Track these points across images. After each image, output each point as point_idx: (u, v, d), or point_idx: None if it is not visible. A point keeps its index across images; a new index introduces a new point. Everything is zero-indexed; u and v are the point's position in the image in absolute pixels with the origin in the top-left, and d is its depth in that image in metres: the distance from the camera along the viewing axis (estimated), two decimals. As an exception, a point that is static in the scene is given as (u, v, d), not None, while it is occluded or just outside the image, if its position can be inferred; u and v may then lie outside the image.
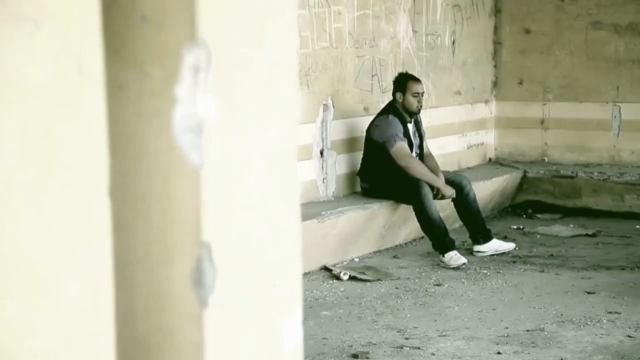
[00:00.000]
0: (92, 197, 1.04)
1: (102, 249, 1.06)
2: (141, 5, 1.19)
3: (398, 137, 6.59)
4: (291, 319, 1.35)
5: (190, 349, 1.21)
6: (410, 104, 6.70)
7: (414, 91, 6.71)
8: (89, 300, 1.04)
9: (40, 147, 0.98)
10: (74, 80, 1.02)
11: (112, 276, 1.08)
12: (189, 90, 1.18)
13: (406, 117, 6.76)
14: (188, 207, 1.20)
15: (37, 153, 0.98)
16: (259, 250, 1.29)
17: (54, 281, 1.00)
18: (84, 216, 1.03)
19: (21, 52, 0.96)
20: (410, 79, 6.83)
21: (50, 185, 0.99)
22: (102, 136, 1.06)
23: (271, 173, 1.30)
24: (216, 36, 1.20)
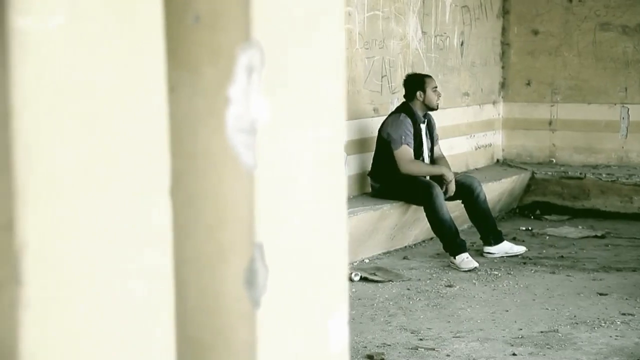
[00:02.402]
0: (154, 197, 1.04)
1: (164, 249, 1.06)
2: (195, 6, 1.19)
3: (405, 139, 6.60)
4: (337, 319, 1.35)
5: (243, 349, 1.21)
6: (432, 100, 6.75)
7: (433, 86, 6.78)
8: (152, 300, 1.04)
9: (104, 148, 0.98)
10: (137, 80, 1.01)
11: (173, 277, 1.08)
12: (243, 90, 1.18)
13: (420, 117, 6.76)
14: (241, 208, 1.20)
15: (102, 153, 0.97)
16: (307, 250, 1.29)
17: (118, 281, 1.00)
18: (147, 216, 1.03)
19: (86, 53, 0.96)
20: (425, 77, 6.88)
21: (115, 185, 0.99)
22: (164, 137, 1.06)
23: (320, 173, 1.30)
24: (269, 36, 1.20)
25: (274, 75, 1.21)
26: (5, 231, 0.89)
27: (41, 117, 0.90)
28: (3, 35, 0.87)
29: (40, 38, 0.89)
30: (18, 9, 0.88)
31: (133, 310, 1.03)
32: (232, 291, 1.21)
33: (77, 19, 0.93)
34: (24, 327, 0.90)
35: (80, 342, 0.96)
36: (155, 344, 1.06)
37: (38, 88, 0.90)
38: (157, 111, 1.05)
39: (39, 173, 0.91)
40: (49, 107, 0.91)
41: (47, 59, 0.91)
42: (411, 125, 6.68)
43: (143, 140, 1.03)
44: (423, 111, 6.80)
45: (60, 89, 0.92)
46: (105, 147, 0.98)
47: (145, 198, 1.03)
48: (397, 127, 6.64)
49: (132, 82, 1.01)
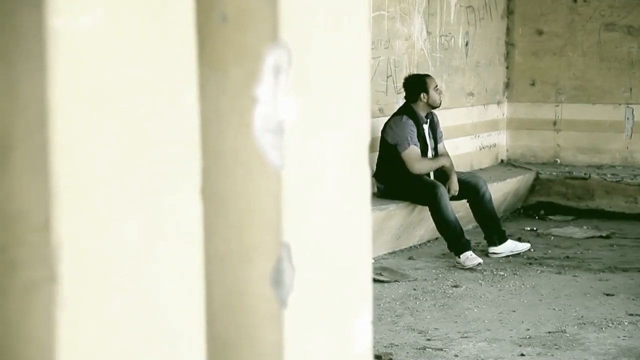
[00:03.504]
0: (186, 196, 1.04)
1: (195, 248, 1.06)
2: (222, 6, 1.19)
3: (411, 140, 6.60)
4: (362, 319, 1.35)
5: (270, 348, 1.21)
6: (435, 99, 6.76)
7: (434, 85, 6.79)
8: (183, 298, 1.04)
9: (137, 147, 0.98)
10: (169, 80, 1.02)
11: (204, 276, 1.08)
12: (270, 90, 1.18)
13: (422, 118, 6.77)
14: (269, 208, 1.20)
15: (135, 153, 0.98)
16: (332, 249, 1.29)
17: (151, 278, 1.00)
18: (179, 215, 1.03)
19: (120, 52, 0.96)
20: (426, 77, 6.89)
21: (148, 184, 0.99)
22: (195, 136, 1.06)
23: (345, 173, 1.31)
24: (296, 36, 1.20)
25: (300, 75, 1.21)
26: (42, 231, 0.89)
27: (77, 117, 0.91)
28: (40, 36, 0.87)
29: (76, 38, 0.90)
30: (55, 9, 0.88)
31: (164, 310, 1.03)
32: (259, 291, 1.21)
33: (112, 19, 0.93)
34: (60, 326, 0.90)
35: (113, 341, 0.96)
36: (185, 343, 1.06)
37: (74, 88, 0.90)
38: (189, 110, 1.05)
39: (74, 173, 0.91)
40: (85, 106, 0.91)
41: (83, 58, 0.91)
42: (414, 126, 6.68)
43: (175, 139, 1.03)
44: (425, 111, 6.81)
45: (96, 88, 0.92)
46: (138, 147, 0.98)
47: (177, 197, 1.04)
48: (402, 129, 6.65)
49: (164, 81, 1.01)
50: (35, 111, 0.88)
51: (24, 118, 0.89)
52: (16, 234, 0.90)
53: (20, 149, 0.89)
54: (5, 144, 0.89)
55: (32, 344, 0.91)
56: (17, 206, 0.90)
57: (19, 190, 0.90)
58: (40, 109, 0.88)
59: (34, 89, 0.88)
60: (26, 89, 0.88)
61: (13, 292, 0.91)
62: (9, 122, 0.89)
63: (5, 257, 0.90)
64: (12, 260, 0.90)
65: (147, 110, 0.99)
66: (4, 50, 0.88)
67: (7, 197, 0.90)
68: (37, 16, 0.87)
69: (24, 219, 0.90)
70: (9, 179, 0.90)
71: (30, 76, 0.88)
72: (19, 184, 0.90)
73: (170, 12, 1.02)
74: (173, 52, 1.02)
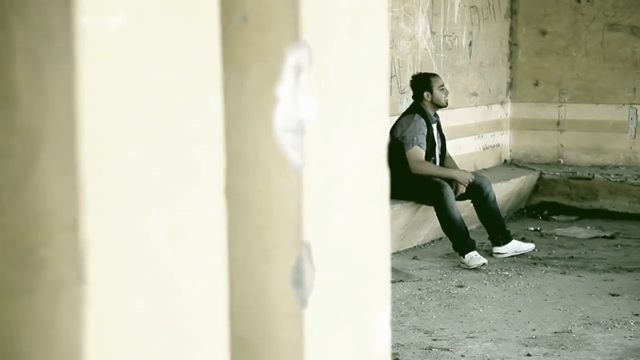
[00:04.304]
0: (210, 196, 1.05)
1: (219, 249, 1.06)
2: (242, 6, 1.19)
3: (418, 140, 6.60)
4: (380, 319, 1.36)
5: (290, 348, 1.22)
6: (440, 98, 6.74)
7: (439, 85, 6.77)
8: (207, 298, 1.04)
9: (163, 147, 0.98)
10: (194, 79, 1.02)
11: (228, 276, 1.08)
12: (291, 90, 1.19)
13: (431, 117, 6.77)
14: (289, 207, 1.20)
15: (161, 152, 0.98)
16: (352, 249, 1.29)
17: (175, 278, 1.00)
18: (203, 214, 1.04)
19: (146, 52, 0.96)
20: (430, 76, 6.88)
21: (173, 183, 0.99)
22: (219, 136, 1.06)
23: (364, 173, 1.31)
24: (316, 36, 1.20)
25: (320, 75, 1.21)
26: (70, 230, 0.89)
27: (104, 116, 0.91)
28: (69, 35, 0.88)
29: (104, 37, 0.90)
30: (83, 9, 0.88)
31: (188, 309, 1.03)
32: (280, 291, 1.21)
33: (138, 19, 0.94)
34: (88, 326, 0.90)
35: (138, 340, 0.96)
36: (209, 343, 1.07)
37: (102, 87, 0.90)
38: (213, 110, 1.06)
39: (102, 172, 0.91)
40: (112, 106, 0.91)
41: (111, 58, 0.91)
42: (425, 125, 6.68)
43: (199, 139, 1.03)
44: (433, 110, 6.80)
45: (122, 88, 0.92)
46: (163, 146, 0.98)
47: (201, 197, 1.04)
48: (412, 128, 6.65)
49: (189, 81, 1.02)
50: (64, 110, 0.89)
51: (53, 117, 0.89)
52: (44, 233, 0.90)
53: (48, 148, 0.90)
54: (33, 143, 0.90)
55: (60, 343, 0.91)
56: (46, 205, 0.90)
57: (48, 190, 0.90)
58: (69, 108, 0.89)
59: (62, 88, 0.88)
60: (55, 88, 0.89)
61: (41, 291, 0.91)
62: (38, 121, 0.89)
63: (33, 256, 0.91)
64: (40, 260, 0.90)
65: (172, 109, 0.99)
66: (34, 50, 0.88)
67: (36, 196, 0.90)
68: (65, 16, 0.88)
69: (53, 218, 0.90)
70: (38, 178, 0.90)
71: (59, 75, 0.88)
72: (48, 183, 0.90)
73: (194, 13, 1.02)
74: (197, 52, 1.03)
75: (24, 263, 0.91)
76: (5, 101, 0.90)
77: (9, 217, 0.91)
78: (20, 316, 0.91)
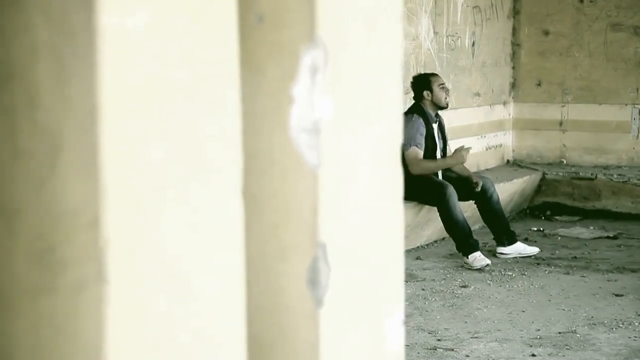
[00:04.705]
0: (228, 196, 1.05)
1: (236, 248, 1.07)
2: (258, 6, 1.19)
3: (415, 141, 6.58)
4: (395, 319, 1.36)
5: (306, 348, 1.22)
6: (440, 98, 6.70)
7: (439, 83, 6.74)
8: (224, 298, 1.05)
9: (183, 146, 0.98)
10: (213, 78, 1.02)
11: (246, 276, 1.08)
12: (307, 90, 1.19)
13: (432, 117, 6.76)
14: (305, 207, 1.20)
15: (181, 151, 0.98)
16: (367, 249, 1.29)
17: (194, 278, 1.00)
18: (221, 215, 1.04)
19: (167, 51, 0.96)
20: (430, 75, 6.86)
21: (191, 182, 1.00)
22: (237, 135, 1.06)
23: (378, 172, 1.31)
24: (332, 35, 1.20)
25: (336, 75, 1.21)
26: (91, 229, 0.89)
27: (125, 116, 0.91)
28: (91, 35, 0.88)
29: (125, 37, 0.90)
30: (105, 9, 0.88)
31: (206, 309, 1.03)
32: (295, 290, 1.21)
33: (159, 18, 0.94)
34: (108, 325, 0.90)
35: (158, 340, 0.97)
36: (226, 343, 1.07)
37: (123, 87, 0.90)
38: (231, 110, 1.06)
39: (123, 172, 0.91)
40: (132, 106, 0.92)
41: (132, 58, 0.91)
42: (424, 126, 6.67)
43: (218, 138, 1.03)
44: (434, 110, 6.78)
45: (143, 88, 0.93)
46: (182, 146, 0.98)
47: (219, 197, 1.04)
48: (409, 129, 6.64)
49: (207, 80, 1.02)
50: (86, 110, 0.89)
51: (74, 117, 0.89)
52: (65, 233, 0.90)
53: (69, 148, 0.90)
54: (55, 143, 0.90)
55: (81, 343, 0.91)
56: (67, 205, 0.90)
57: (69, 189, 0.90)
58: (90, 108, 0.89)
59: (84, 88, 0.89)
60: (77, 87, 0.89)
61: (62, 290, 0.91)
62: (59, 121, 0.89)
63: (54, 255, 0.91)
64: (61, 259, 0.91)
65: (191, 109, 0.99)
66: (56, 50, 0.88)
67: (57, 195, 0.90)
68: (88, 15, 0.88)
69: (73, 218, 0.90)
70: (59, 177, 0.90)
71: (81, 75, 0.88)
72: (69, 183, 0.90)
73: (213, 12, 1.02)
74: (216, 52, 1.03)
75: (45, 263, 0.91)
76: (27, 101, 0.90)
77: (30, 217, 0.91)
78: (41, 316, 0.92)
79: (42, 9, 0.89)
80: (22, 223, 0.92)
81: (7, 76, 0.91)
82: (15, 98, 0.91)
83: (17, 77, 0.91)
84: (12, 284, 0.93)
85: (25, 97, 0.90)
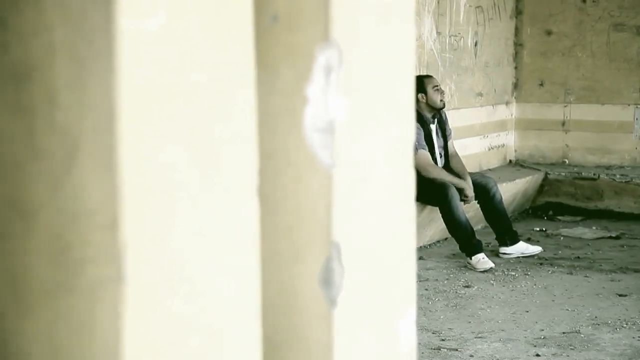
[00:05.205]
0: (244, 196, 1.05)
1: (252, 249, 1.07)
2: (273, 6, 1.19)
3: (418, 145, 6.56)
4: (407, 319, 1.36)
5: (319, 349, 1.22)
6: (435, 100, 6.66)
7: (433, 85, 6.70)
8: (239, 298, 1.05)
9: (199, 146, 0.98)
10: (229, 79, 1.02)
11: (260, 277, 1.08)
12: (321, 90, 1.19)
13: (428, 118, 6.74)
14: (319, 207, 1.20)
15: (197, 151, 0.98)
16: (380, 249, 1.29)
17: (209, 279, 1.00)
18: (237, 215, 1.04)
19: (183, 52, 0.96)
20: (424, 77, 6.83)
21: (207, 183, 1.00)
22: (253, 136, 1.06)
23: (391, 173, 1.31)
24: (346, 36, 1.20)
25: (350, 75, 1.21)
26: (109, 229, 0.89)
27: (143, 116, 0.91)
28: (109, 36, 0.88)
29: (143, 38, 0.90)
30: (123, 10, 0.88)
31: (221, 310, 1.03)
32: (309, 290, 1.21)
33: (176, 19, 0.94)
34: (126, 325, 0.90)
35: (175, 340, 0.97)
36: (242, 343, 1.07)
37: (141, 87, 0.90)
38: (246, 111, 1.06)
39: (140, 172, 0.91)
40: (150, 106, 0.92)
41: (149, 58, 0.91)
42: (420, 128, 6.66)
43: (234, 138, 1.03)
44: (430, 112, 6.74)
45: (161, 88, 0.93)
46: (199, 146, 0.98)
47: (235, 197, 1.04)
48: (408, 132, 6.61)
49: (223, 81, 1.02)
50: (103, 110, 0.89)
51: (92, 117, 0.89)
52: (83, 233, 0.90)
53: (87, 148, 0.90)
54: (73, 143, 0.90)
55: (98, 343, 0.91)
56: (85, 205, 0.90)
57: (86, 189, 0.90)
58: (108, 108, 0.89)
59: (102, 88, 0.89)
60: (94, 88, 0.89)
61: (80, 290, 0.91)
62: (77, 121, 0.89)
63: (72, 255, 0.91)
64: (79, 259, 0.91)
65: (207, 109, 0.99)
66: (74, 50, 0.88)
67: (75, 195, 0.90)
68: (106, 16, 0.88)
69: (92, 218, 0.90)
70: (77, 177, 0.90)
71: (99, 75, 0.88)
72: (86, 183, 0.90)
73: (229, 14, 1.02)
74: (232, 52, 1.03)
75: (63, 263, 0.91)
76: (45, 101, 0.90)
77: (48, 217, 0.91)
78: (59, 315, 0.92)
79: (61, 10, 0.89)
80: (39, 222, 0.92)
81: (25, 76, 0.91)
82: (33, 98, 0.91)
83: (35, 77, 0.91)
84: (30, 284, 0.93)
85: (44, 97, 0.90)
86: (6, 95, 0.91)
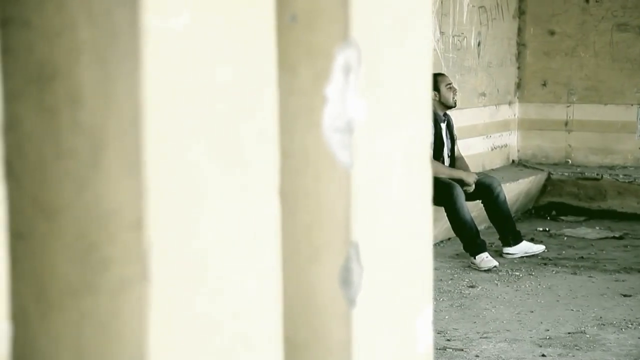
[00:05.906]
0: (266, 195, 1.05)
1: (273, 249, 1.06)
2: (292, 6, 1.19)
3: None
4: (424, 319, 1.35)
5: (338, 348, 1.22)
6: (448, 97, 6.71)
7: (446, 83, 6.74)
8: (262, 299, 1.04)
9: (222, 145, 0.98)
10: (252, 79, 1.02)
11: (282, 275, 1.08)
12: (340, 90, 1.18)
13: (440, 117, 6.76)
14: (338, 207, 1.20)
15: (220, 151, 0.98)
16: (398, 249, 1.29)
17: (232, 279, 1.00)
18: (259, 215, 1.04)
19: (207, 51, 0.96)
20: (437, 75, 6.86)
21: (230, 182, 1.00)
22: (274, 135, 1.06)
23: (409, 173, 1.31)
24: (365, 36, 1.20)
25: (369, 75, 1.21)
26: (135, 229, 0.89)
27: (168, 116, 0.91)
28: (134, 35, 0.88)
29: (168, 37, 0.90)
30: (148, 9, 0.88)
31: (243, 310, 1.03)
32: (328, 290, 1.21)
33: (200, 18, 0.94)
34: (152, 325, 0.90)
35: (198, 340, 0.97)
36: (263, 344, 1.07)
37: (166, 87, 0.90)
38: (269, 109, 1.06)
39: (165, 171, 0.91)
40: (175, 106, 0.91)
41: (174, 58, 0.91)
42: (432, 126, 6.68)
43: (256, 137, 1.03)
44: (442, 110, 6.79)
45: (185, 87, 0.93)
46: (223, 145, 0.98)
47: (257, 197, 1.04)
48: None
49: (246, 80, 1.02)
50: (128, 110, 0.89)
51: (117, 117, 0.89)
52: (108, 233, 0.90)
53: (113, 147, 0.90)
54: (98, 143, 0.90)
55: (123, 343, 0.91)
56: (110, 205, 0.90)
57: (111, 189, 0.90)
58: (133, 108, 0.88)
59: (127, 88, 0.88)
60: (119, 87, 0.89)
61: (104, 290, 0.91)
62: (102, 120, 0.89)
63: (97, 255, 0.91)
64: (104, 259, 0.90)
65: (231, 108, 0.99)
66: (99, 50, 0.88)
67: (100, 195, 0.90)
68: (131, 16, 0.88)
69: (117, 218, 0.90)
70: (102, 177, 0.90)
71: (124, 75, 0.88)
72: (111, 183, 0.90)
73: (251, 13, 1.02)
74: (254, 51, 1.03)
75: (88, 262, 0.91)
76: (70, 101, 0.90)
77: (73, 217, 0.91)
78: (84, 315, 0.91)
79: (85, 9, 0.89)
80: (64, 222, 0.92)
81: (50, 76, 0.91)
82: (58, 98, 0.91)
83: (60, 76, 0.91)
84: (55, 284, 0.92)
85: (68, 96, 0.90)
86: (31, 95, 0.91)
